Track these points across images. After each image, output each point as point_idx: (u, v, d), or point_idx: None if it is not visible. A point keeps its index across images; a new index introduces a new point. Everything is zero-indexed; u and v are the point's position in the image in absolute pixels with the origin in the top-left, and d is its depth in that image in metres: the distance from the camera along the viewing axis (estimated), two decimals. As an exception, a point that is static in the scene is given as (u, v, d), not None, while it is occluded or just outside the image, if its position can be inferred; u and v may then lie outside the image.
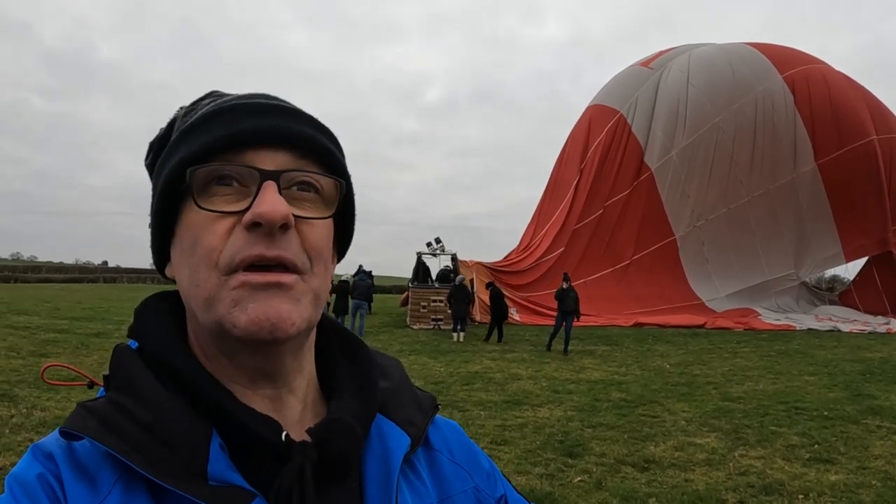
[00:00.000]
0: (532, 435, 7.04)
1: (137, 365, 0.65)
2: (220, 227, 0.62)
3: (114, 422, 0.59)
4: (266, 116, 0.65)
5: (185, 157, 0.64)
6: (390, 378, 0.78)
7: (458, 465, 0.77)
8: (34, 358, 10.98)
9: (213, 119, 0.65)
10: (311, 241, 0.64)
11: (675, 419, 7.93)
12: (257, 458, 0.62)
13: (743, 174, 26.88)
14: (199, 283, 0.62)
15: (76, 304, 25.88)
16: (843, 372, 12.32)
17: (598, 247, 26.95)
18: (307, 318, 0.63)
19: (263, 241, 0.60)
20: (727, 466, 5.98)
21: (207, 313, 0.62)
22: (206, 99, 0.71)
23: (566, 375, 11.37)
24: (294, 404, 0.69)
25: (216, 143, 0.63)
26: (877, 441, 6.96)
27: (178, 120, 0.70)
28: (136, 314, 0.71)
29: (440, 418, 0.82)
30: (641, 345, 16.90)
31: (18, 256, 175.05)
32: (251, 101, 0.67)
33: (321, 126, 0.70)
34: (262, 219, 0.60)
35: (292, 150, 0.65)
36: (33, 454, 0.60)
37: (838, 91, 26.95)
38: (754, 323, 23.20)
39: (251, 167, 0.62)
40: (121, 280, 72.71)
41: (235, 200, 0.62)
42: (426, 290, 22.35)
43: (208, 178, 0.63)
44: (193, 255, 0.63)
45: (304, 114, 0.69)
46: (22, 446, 5.87)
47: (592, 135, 28.77)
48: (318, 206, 0.66)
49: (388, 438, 0.70)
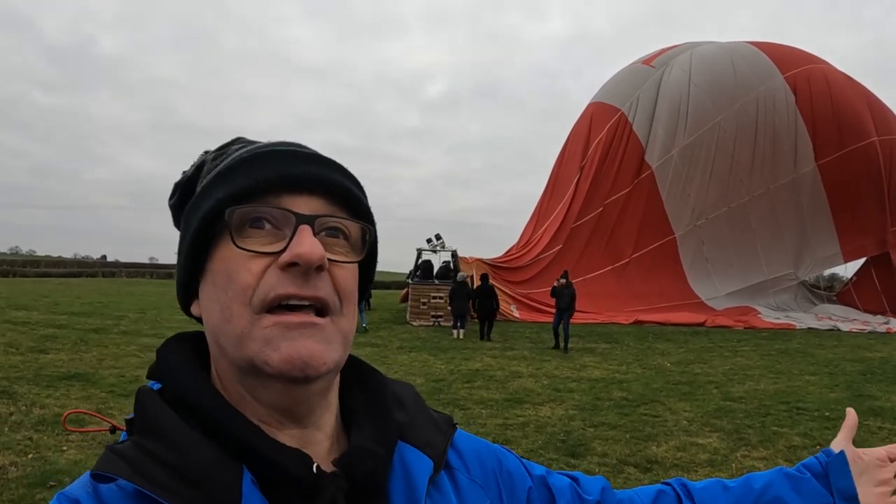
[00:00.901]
0: (534, 434, 7.02)
1: (161, 407, 0.65)
2: (255, 265, 0.64)
3: (141, 464, 0.60)
4: (302, 163, 0.68)
5: (224, 197, 0.66)
6: (405, 403, 0.80)
7: (474, 482, 0.79)
8: (33, 354, 10.94)
9: (251, 162, 0.68)
10: (342, 283, 0.67)
11: (677, 419, 7.92)
12: (287, 492, 0.62)
13: (743, 174, 26.90)
14: (232, 319, 0.64)
15: (75, 299, 25.86)
16: (844, 372, 12.31)
17: (598, 244, 26.96)
18: (336, 359, 0.66)
19: (298, 280, 0.63)
20: (730, 467, 5.96)
21: (239, 350, 0.64)
22: (235, 145, 0.75)
23: (567, 373, 11.35)
24: (322, 440, 0.70)
25: (256, 186, 0.66)
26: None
27: (208, 163, 0.73)
28: (159, 354, 0.72)
29: (459, 433, 0.83)
30: (642, 343, 16.89)
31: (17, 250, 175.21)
32: (287, 148, 0.70)
33: (349, 174, 0.73)
34: (301, 259, 0.62)
35: (326, 197, 0.69)
36: (59, 502, 0.61)
37: (840, 91, 26.95)
38: (754, 321, 23.21)
39: (288, 210, 0.65)
40: (120, 274, 72.75)
41: (270, 242, 0.65)
42: (426, 286, 22.32)
43: (244, 219, 0.65)
44: (227, 292, 0.64)
45: (335, 162, 0.72)
46: (21, 444, 5.85)
47: (593, 133, 28.75)
48: (346, 251, 0.69)
49: (410, 463, 0.71)
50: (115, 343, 13.08)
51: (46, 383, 8.56)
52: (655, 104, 27.87)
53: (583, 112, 31.10)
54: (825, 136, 26.45)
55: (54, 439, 6.07)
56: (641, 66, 30.06)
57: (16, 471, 5.16)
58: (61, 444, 5.95)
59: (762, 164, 26.80)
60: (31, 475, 5.06)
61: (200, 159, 0.75)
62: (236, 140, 0.76)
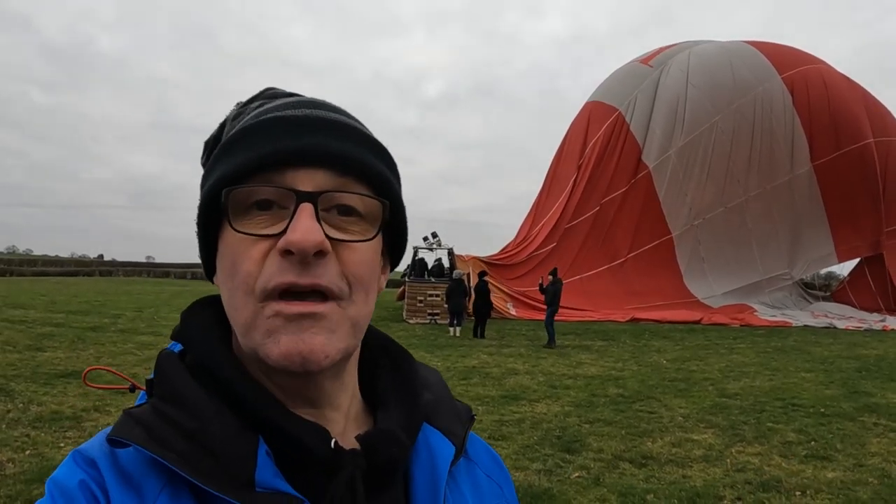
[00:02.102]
0: (530, 430, 7.04)
1: (182, 373, 0.64)
2: (257, 251, 0.60)
3: (159, 430, 0.59)
4: (307, 132, 0.63)
5: (221, 176, 0.62)
6: (432, 389, 0.78)
7: (492, 480, 0.78)
8: (30, 352, 10.94)
9: (251, 135, 0.63)
10: (352, 266, 0.62)
11: (673, 415, 7.94)
12: (304, 466, 0.61)
13: (740, 174, 26.98)
14: (237, 307, 0.62)
15: (72, 298, 25.83)
16: (840, 369, 12.35)
17: (595, 243, 27.01)
18: (343, 348, 0.62)
19: (297, 268, 0.59)
20: (724, 463, 5.99)
21: (245, 338, 0.62)
22: (257, 101, 0.70)
23: (563, 370, 11.37)
24: (337, 419, 0.68)
25: (252, 163, 0.61)
26: (873, 438, 6.97)
27: (228, 123, 0.69)
28: (183, 318, 0.70)
29: (471, 433, 0.81)
30: (638, 340, 16.93)
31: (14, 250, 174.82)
32: (293, 112, 0.64)
33: (368, 140, 0.67)
34: (293, 247, 0.58)
35: (333, 169, 0.63)
36: (74, 460, 0.60)
37: (837, 93, 27.05)
38: (750, 319, 23.26)
39: (288, 188, 0.61)
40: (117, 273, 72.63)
41: (273, 222, 0.61)
42: (423, 284, 22.35)
43: (244, 201, 0.61)
44: (232, 280, 0.62)
45: (351, 127, 0.66)
46: (18, 441, 5.85)
47: (591, 132, 28.81)
48: (361, 228, 0.64)
49: (434, 447, 0.70)
50: (112, 341, 13.08)
51: (44, 381, 8.56)
52: (653, 104, 27.93)
53: (580, 110, 31.16)
54: (822, 137, 26.55)
55: (51, 436, 6.08)
56: (639, 65, 30.09)
57: (13, 467, 5.17)
58: (58, 440, 5.96)
59: (759, 164, 26.89)
60: (28, 471, 5.07)
61: (227, 115, 0.71)
62: (261, 94, 0.71)
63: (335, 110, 0.68)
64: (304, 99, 0.68)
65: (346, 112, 0.70)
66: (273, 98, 0.69)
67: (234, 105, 0.72)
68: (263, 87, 0.73)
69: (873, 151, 26.53)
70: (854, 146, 26.49)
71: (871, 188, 26.60)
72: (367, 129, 0.69)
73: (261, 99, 0.70)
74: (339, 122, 0.65)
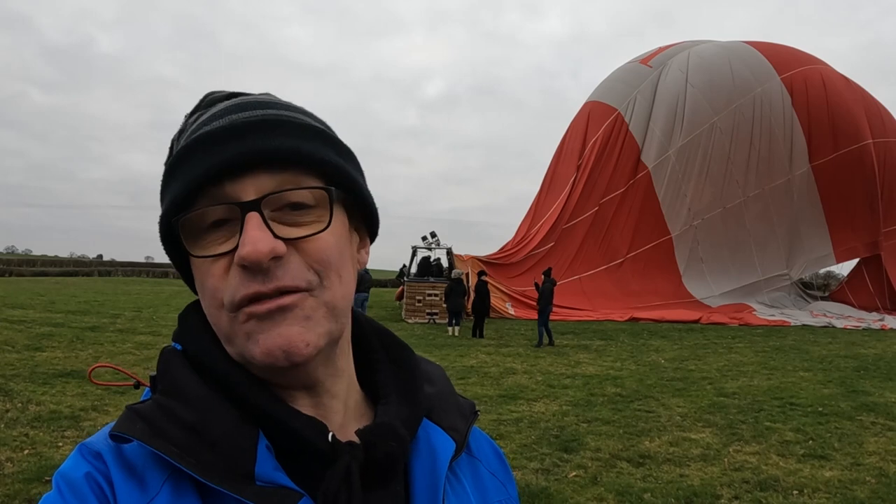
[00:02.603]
0: (527, 429, 7.05)
1: (184, 369, 0.65)
2: (218, 268, 0.62)
3: (160, 424, 0.60)
4: (235, 139, 0.61)
5: (170, 203, 0.63)
6: (435, 384, 0.78)
7: (494, 476, 0.79)
8: (29, 352, 10.94)
9: (186, 157, 0.63)
10: (315, 255, 0.62)
11: (670, 414, 7.95)
12: (303, 460, 0.62)
13: (739, 174, 27.00)
14: (215, 322, 0.64)
15: (71, 298, 25.81)
16: (838, 368, 12.36)
17: (593, 243, 27.00)
18: (323, 333, 0.63)
19: (258, 277, 0.59)
20: (722, 462, 6.00)
21: (230, 347, 0.64)
22: (196, 113, 0.69)
23: (561, 370, 11.38)
24: (336, 407, 0.69)
25: (193, 185, 0.61)
26: (871, 437, 6.99)
27: (175, 142, 0.69)
28: (180, 319, 0.71)
29: (476, 429, 0.82)
30: (636, 339, 16.93)
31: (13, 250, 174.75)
32: (218, 124, 0.63)
33: (303, 128, 0.65)
34: (245, 262, 0.59)
35: (271, 169, 0.62)
36: (80, 453, 0.61)
37: (836, 94, 27.07)
38: (749, 318, 23.26)
39: (231, 202, 0.61)
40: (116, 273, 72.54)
41: (228, 237, 0.61)
42: (421, 283, 22.36)
43: (200, 223, 0.62)
44: (204, 297, 0.64)
45: (282, 120, 0.64)
46: (17, 441, 5.86)
47: (590, 131, 28.80)
48: (315, 217, 0.63)
49: (434, 443, 0.71)
50: (111, 341, 13.09)
51: (42, 380, 8.57)
52: (653, 105, 27.94)
53: (580, 110, 31.14)
54: (820, 137, 26.57)
55: (50, 436, 6.09)
56: (639, 65, 30.07)
57: (12, 466, 5.18)
58: (57, 440, 5.97)
59: (758, 165, 26.91)
60: (27, 471, 5.08)
61: (175, 133, 0.70)
62: (200, 103, 0.70)
63: (270, 106, 0.66)
64: (232, 104, 0.66)
65: (281, 103, 0.68)
66: (211, 105, 0.68)
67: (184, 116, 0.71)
68: (204, 94, 0.71)
69: (872, 152, 26.55)
70: (852, 147, 26.51)
71: (869, 189, 26.62)
72: (303, 117, 0.67)
73: (200, 110, 0.69)
74: (267, 119, 0.63)
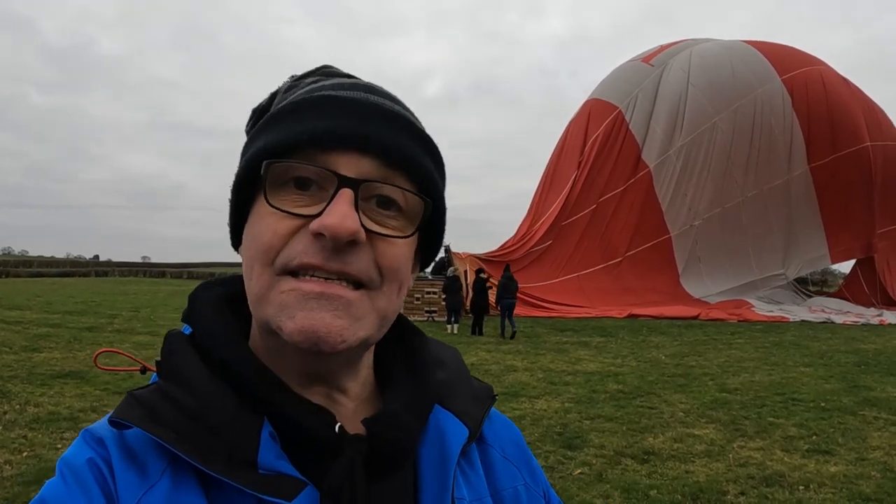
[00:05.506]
0: (530, 427, 7.01)
1: (187, 353, 0.63)
2: (284, 226, 0.59)
3: (160, 410, 0.59)
4: (358, 117, 0.61)
5: (263, 147, 0.61)
6: (447, 368, 0.76)
7: (508, 461, 0.76)
8: (26, 353, 10.88)
9: (301, 110, 0.62)
10: (387, 259, 0.61)
11: (673, 410, 7.92)
12: (309, 449, 0.61)
13: (739, 174, 27.07)
14: (253, 277, 0.61)
15: (68, 299, 25.74)
16: (839, 363, 12.35)
17: (591, 241, 26.99)
18: (364, 337, 0.61)
19: (326, 252, 0.58)
20: (727, 458, 5.97)
21: (257, 309, 0.61)
22: (312, 77, 0.68)
23: (562, 367, 11.35)
24: (345, 402, 0.67)
25: (298, 139, 0.60)
26: (874, 432, 6.97)
27: (279, 94, 0.68)
28: (190, 299, 0.69)
29: (494, 412, 0.79)
30: (636, 336, 16.90)
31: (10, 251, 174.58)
32: (348, 94, 0.62)
33: (420, 134, 0.65)
34: (327, 231, 0.57)
35: (380, 159, 0.61)
36: (84, 439, 0.60)
37: (836, 96, 27.19)
38: (748, 314, 23.26)
39: (331, 171, 0.59)
40: (112, 274, 72.50)
41: (309, 203, 0.59)
42: (420, 281, 22.33)
43: (283, 176, 0.60)
44: (251, 249, 0.62)
45: (405, 117, 0.64)
46: (15, 443, 5.81)
47: (590, 129, 28.82)
48: (399, 224, 0.62)
49: (445, 429, 0.69)
50: (109, 341, 13.02)
51: (40, 382, 8.51)
52: (654, 104, 28.00)
53: (581, 107, 31.17)
54: (819, 139, 26.70)
55: (49, 437, 6.04)
56: (641, 63, 30.09)
57: (10, 469, 5.13)
58: (55, 442, 5.92)
59: (757, 165, 27.01)
60: (25, 473, 5.03)
61: (279, 87, 0.70)
62: (316, 70, 0.70)
63: (390, 98, 0.66)
64: (360, 82, 0.66)
65: (401, 102, 0.68)
66: (329, 76, 0.68)
67: (288, 77, 0.70)
68: (321, 64, 0.71)
69: (870, 154, 26.73)
70: (851, 149, 26.65)
71: (866, 190, 26.75)
72: (420, 123, 0.67)
73: (316, 75, 0.69)
74: (392, 111, 0.63)
